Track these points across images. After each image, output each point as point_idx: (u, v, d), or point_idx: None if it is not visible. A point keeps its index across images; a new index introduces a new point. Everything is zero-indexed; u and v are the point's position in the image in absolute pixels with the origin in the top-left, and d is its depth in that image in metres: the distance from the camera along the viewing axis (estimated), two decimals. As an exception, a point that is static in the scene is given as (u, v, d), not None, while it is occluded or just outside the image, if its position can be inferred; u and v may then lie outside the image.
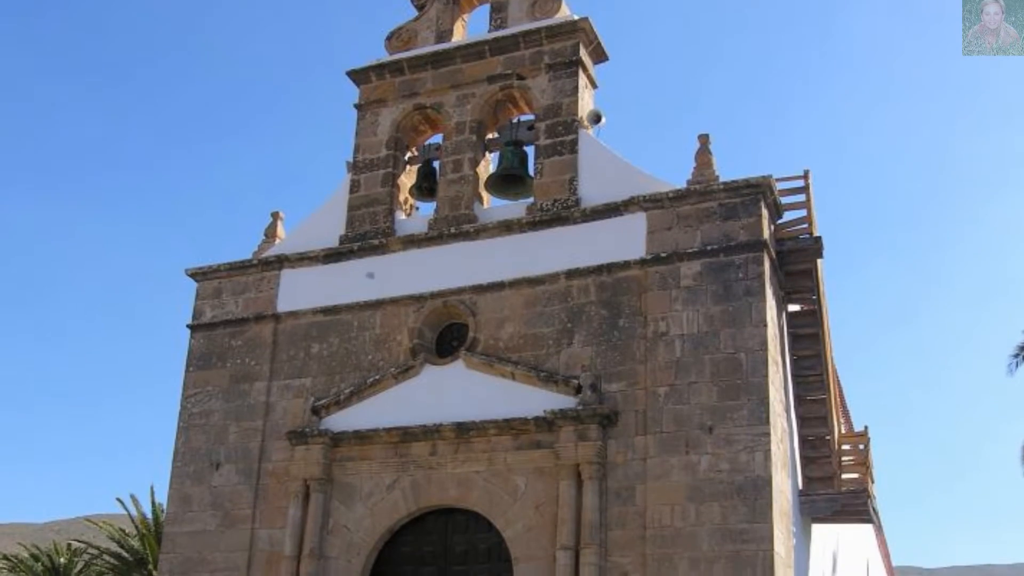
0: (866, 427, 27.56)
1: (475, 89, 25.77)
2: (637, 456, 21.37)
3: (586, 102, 25.09)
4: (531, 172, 25.00)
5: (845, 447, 26.43)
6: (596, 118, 24.92)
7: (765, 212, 22.28)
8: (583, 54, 25.10)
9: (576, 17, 25.22)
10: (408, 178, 26.84)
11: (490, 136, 26.20)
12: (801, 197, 23.94)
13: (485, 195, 25.75)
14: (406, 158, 26.77)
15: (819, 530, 26.24)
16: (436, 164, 26.34)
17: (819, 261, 23.93)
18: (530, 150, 25.33)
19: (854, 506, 25.16)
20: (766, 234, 22.12)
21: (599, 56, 25.73)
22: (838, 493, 24.88)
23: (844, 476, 25.61)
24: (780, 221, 23.37)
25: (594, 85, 25.60)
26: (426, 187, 26.46)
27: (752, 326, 21.38)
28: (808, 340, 24.54)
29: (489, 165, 26.25)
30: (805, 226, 23.80)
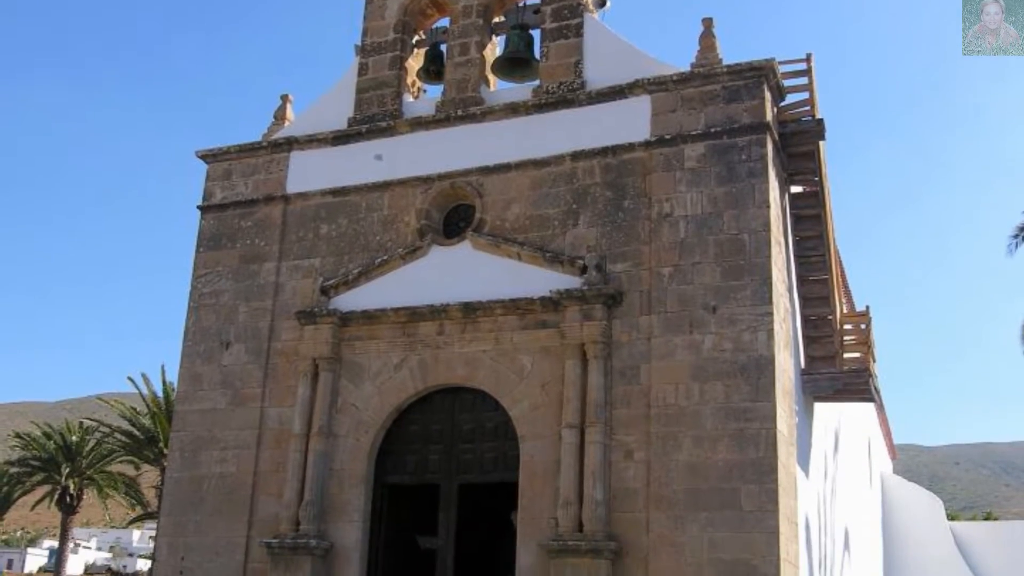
0: (867, 307, 27.90)
1: (482, -28, 25.70)
2: (642, 336, 21.66)
3: (592, -15, 25.04)
4: (537, 55, 25.01)
5: (847, 327, 26.76)
6: (601, 2, 24.95)
7: (768, 95, 22.38)
8: (588, -64, 24.99)
9: (582, -101, 25.02)
10: (415, 61, 26.90)
11: (496, 20, 26.19)
12: (803, 80, 23.98)
13: (491, 78, 25.86)
14: (414, 41, 26.80)
15: (821, 409, 26.66)
16: (443, 47, 26.35)
17: (821, 143, 24.05)
18: (536, 33, 25.31)
19: (856, 385, 25.58)
20: (769, 116, 22.23)
21: (604, -61, 25.62)
22: (840, 372, 25.27)
23: (846, 355, 25.97)
24: (783, 104, 23.43)
25: (599, -32, 25.52)
26: (433, 70, 26.51)
27: (755, 207, 21.55)
28: (810, 221, 24.72)
29: (495, 48, 26.34)
30: (807, 108, 23.88)
